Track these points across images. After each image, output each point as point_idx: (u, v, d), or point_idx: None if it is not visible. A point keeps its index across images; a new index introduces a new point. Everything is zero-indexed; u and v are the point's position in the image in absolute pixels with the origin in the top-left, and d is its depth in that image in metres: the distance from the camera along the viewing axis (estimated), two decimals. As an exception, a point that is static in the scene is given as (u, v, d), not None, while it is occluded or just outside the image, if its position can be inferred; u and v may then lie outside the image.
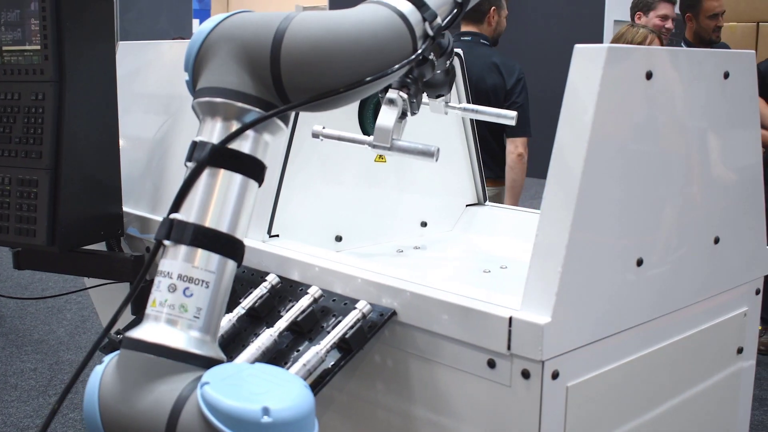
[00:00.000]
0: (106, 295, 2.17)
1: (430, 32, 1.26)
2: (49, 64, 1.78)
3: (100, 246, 1.97)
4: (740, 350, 1.73)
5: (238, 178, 1.17)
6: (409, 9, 1.24)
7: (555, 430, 1.30)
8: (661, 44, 3.53)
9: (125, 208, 1.95)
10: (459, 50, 2.08)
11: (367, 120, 1.90)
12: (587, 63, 1.26)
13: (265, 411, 0.98)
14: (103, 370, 1.13)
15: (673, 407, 1.56)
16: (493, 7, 3.70)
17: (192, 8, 10.11)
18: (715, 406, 1.73)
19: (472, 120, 2.15)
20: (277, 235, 1.77)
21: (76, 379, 1.14)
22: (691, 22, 4.23)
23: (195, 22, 10.93)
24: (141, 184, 2.04)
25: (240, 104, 1.18)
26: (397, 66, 1.20)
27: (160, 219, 1.16)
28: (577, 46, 1.27)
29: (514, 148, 3.60)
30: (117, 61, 1.91)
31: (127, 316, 2.02)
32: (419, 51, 1.24)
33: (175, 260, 1.13)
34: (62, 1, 1.76)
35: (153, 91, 2.12)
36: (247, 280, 1.61)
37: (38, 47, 1.79)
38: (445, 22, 1.30)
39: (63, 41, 1.77)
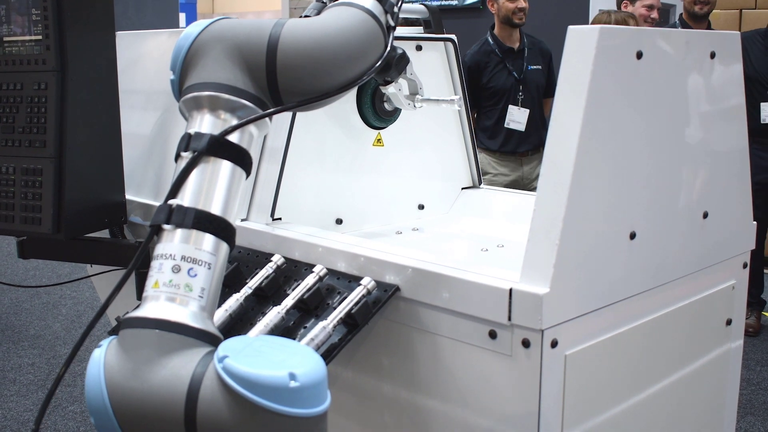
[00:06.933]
0: (110, 281, 2.20)
1: (392, 23, 1.38)
2: (51, 53, 1.80)
3: (103, 234, 2.00)
4: (729, 322, 1.79)
5: (232, 167, 1.25)
6: (372, 3, 1.37)
7: (554, 398, 1.35)
8: None
9: (128, 196, 1.98)
10: (453, 36, 2.13)
11: (365, 106, 1.94)
12: (580, 43, 1.31)
13: (292, 376, 1.03)
14: (105, 352, 1.15)
15: (668, 382, 1.61)
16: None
17: (178, 1, 10.08)
18: (708, 381, 1.78)
19: (467, 103, 2.19)
20: (280, 218, 1.81)
21: (74, 355, 1.18)
22: None
23: (181, 15, 10.88)
24: (143, 172, 2.07)
25: (235, 98, 1.26)
26: (378, 64, 1.36)
27: None
28: (571, 27, 1.32)
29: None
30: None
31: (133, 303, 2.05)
32: (389, 44, 1.38)
33: (175, 243, 1.18)
34: (63, -8, 1.79)
35: (153, 80, 2.15)
36: (252, 261, 1.65)
37: (40, 37, 1.82)
38: (399, 8, 1.40)
39: (64, 31, 1.80)
